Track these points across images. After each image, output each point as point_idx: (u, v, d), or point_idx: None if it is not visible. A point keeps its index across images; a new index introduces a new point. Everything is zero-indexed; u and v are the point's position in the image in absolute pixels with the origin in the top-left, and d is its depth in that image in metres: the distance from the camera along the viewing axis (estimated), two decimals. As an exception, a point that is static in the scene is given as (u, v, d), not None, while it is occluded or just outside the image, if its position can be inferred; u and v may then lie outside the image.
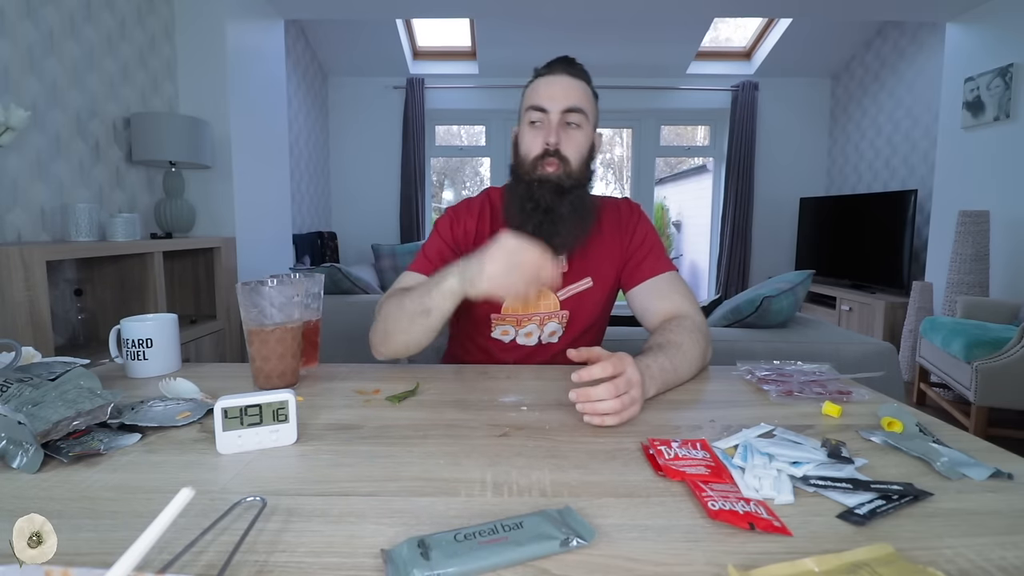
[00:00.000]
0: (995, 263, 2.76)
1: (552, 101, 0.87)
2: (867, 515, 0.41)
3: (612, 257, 0.97)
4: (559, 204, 0.87)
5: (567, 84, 0.88)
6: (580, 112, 0.88)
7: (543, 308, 0.95)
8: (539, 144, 0.88)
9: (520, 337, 0.96)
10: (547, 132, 0.87)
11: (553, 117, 0.87)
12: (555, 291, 0.88)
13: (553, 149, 0.87)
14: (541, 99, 0.88)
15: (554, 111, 0.87)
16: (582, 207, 0.90)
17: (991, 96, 2.78)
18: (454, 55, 4.44)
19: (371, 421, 0.62)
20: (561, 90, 0.88)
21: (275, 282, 0.72)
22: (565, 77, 0.89)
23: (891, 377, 1.44)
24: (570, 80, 0.89)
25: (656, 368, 0.70)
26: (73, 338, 1.72)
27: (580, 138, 0.89)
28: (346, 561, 0.36)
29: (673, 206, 7.70)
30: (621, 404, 0.59)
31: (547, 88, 0.88)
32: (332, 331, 1.86)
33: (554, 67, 0.90)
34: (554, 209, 0.87)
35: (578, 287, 0.95)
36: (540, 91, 0.89)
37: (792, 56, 4.15)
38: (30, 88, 1.60)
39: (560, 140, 0.87)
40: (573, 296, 0.95)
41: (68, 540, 0.38)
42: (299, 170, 3.78)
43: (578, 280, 0.95)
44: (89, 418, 0.54)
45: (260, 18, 2.70)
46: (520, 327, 0.95)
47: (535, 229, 0.87)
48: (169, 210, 2.02)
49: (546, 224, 0.87)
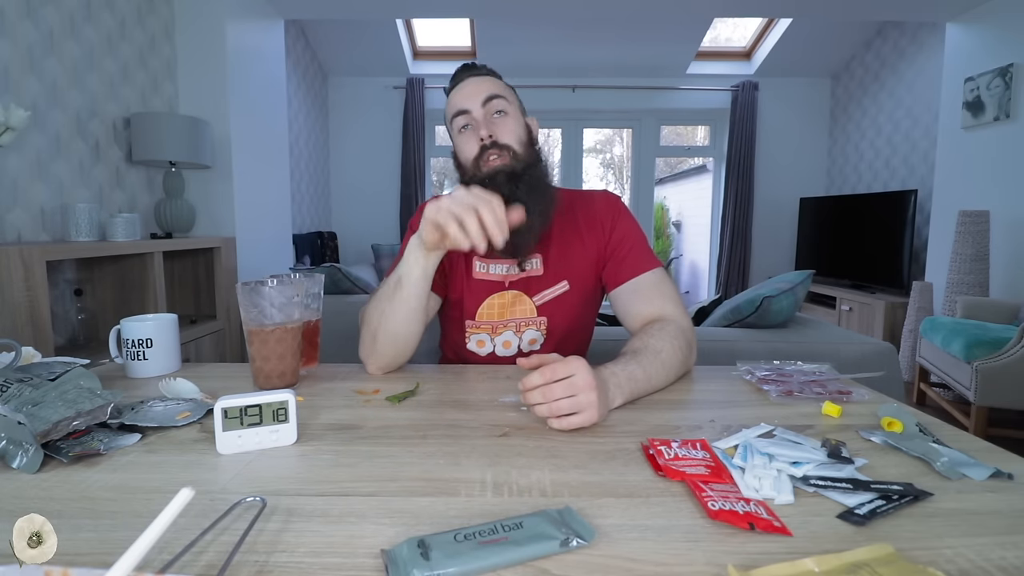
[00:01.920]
0: (995, 263, 2.76)
1: (469, 99, 0.87)
2: (867, 515, 0.41)
3: (589, 257, 0.93)
4: (516, 190, 0.84)
5: (477, 82, 0.88)
6: (500, 97, 0.87)
7: (519, 314, 0.92)
8: (474, 144, 0.86)
9: (499, 348, 0.93)
10: (476, 128, 0.86)
11: (476, 113, 0.86)
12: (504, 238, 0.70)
13: (489, 142, 0.85)
14: (459, 103, 0.87)
15: (475, 107, 0.86)
16: (540, 185, 0.87)
17: (991, 96, 2.78)
18: (454, 55, 4.44)
19: (371, 421, 0.62)
20: (473, 87, 0.88)
21: (275, 282, 0.72)
22: (472, 77, 0.89)
23: (891, 377, 1.44)
24: (478, 78, 0.89)
25: (624, 376, 0.67)
26: (73, 338, 1.72)
27: (510, 123, 0.87)
28: (346, 561, 0.36)
29: (673, 206, 7.70)
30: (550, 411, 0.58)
31: (460, 93, 0.88)
32: (332, 331, 1.86)
33: (459, 76, 0.91)
34: (513, 196, 0.82)
35: (554, 291, 0.92)
36: (455, 98, 0.89)
37: (792, 56, 4.15)
38: (30, 88, 1.60)
39: (492, 131, 0.85)
40: (550, 301, 0.92)
41: (68, 540, 0.38)
42: (299, 170, 3.78)
43: (554, 284, 0.92)
44: (89, 418, 0.54)
45: (260, 18, 2.70)
46: (496, 335, 0.92)
47: None
48: (169, 210, 2.02)
49: None
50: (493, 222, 0.66)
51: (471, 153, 0.86)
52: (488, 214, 0.66)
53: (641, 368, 0.69)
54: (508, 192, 0.82)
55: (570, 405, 0.58)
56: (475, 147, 0.86)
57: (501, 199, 0.67)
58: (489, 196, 0.67)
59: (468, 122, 0.87)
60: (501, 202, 0.67)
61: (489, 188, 0.80)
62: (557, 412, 0.58)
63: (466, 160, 0.87)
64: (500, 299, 0.92)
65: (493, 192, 0.68)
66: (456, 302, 0.94)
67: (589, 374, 0.59)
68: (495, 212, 0.66)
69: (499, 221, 0.66)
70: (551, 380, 0.58)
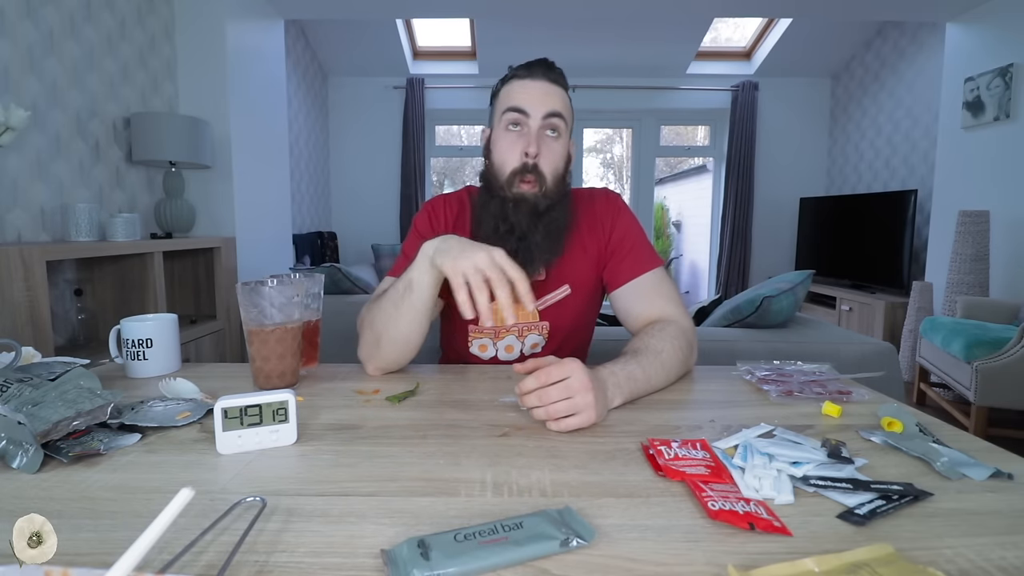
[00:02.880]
0: (995, 263, 2.76)
1: (533, 105, 0.83)
2: (867, 515, 0.41)
3: (590, 259, 0.92)
4: (534, 230, 0.83)
5: (548, 89, 0.84)
6: (560, 118, 0.84)
7: (521, 319, 0.91)
8: (517, 154, 0.83)
9: (501, 352, 0.93)
10: (526, 141, 0.83)
11: (533, 123, 0.83)
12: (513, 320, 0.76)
13: (532, 164, 0.83)
14: (521, 101, 0.83)
15: (535, 116, 0.83)
16: (556, 230, 0.86)
17: (991, 96, 2.78)
18: (454, 55, 4.44)
19: (371, 421, 0.62)
20: (542, 93, 0.83)
21: (275, 282, 0.72)
22: (545, 82, 0.85)
23: (891, 377, 1.44)
24: (550, 85, 0.85)
25: (623, 376, 0.66)
26: (73, 338, 1.72)
27: (559, 149, 0.86)
28: (346, 561, 0.36)
29: (673, 206, 7.70)
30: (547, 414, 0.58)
31: (526, 90, 0.84)
32: (332, 331, 1.86)
33: (534, 69, 0.85)
34: (528, 236, 0.83)
35: (556, 296, 0.91)
36: (519, 93, 0.84)
37: (792, 56, 4.15)
38: (30, 88, 1.60)
39: (539, 151, 0.83)
40: (552, 306, 0.91)
41: (68, 540, 0.38)
42: (299, 170, 3.78)
43: (556, 288, 0.91)
44: (89, 418, 0.54)
45: (260, 18, 2.70)
46: (499, 339, 0.92)
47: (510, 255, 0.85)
48: (169, 210, 2.02)
49: (520, 251, 0.83)
50: (507, 303, 0.63)
51: (511, 160, 0.84)
52: (504, 295, 0.63)
53: (641, 368, 0.69)
54: (527, 228, 0.83)
55: (567, 407, 0.58)
56: (516, 157, 0.84)
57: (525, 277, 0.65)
58: (514, 273, 0.64)
59: (521, 124, 0.84)
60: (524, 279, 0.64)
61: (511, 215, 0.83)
62: (555, 415, 0.58)
63: (501, 164, 0.85)
64: None
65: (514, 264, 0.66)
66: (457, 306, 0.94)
67: (585, 375, 0.59)
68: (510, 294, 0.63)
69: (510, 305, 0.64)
70: (546, 383, 0.58)
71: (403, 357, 0.81)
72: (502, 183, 0.85)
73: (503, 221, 0.84)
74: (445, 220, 0.93)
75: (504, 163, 0.85)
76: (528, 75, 0.85)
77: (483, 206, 0.88)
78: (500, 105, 0.87)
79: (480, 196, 0.90)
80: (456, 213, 0.94)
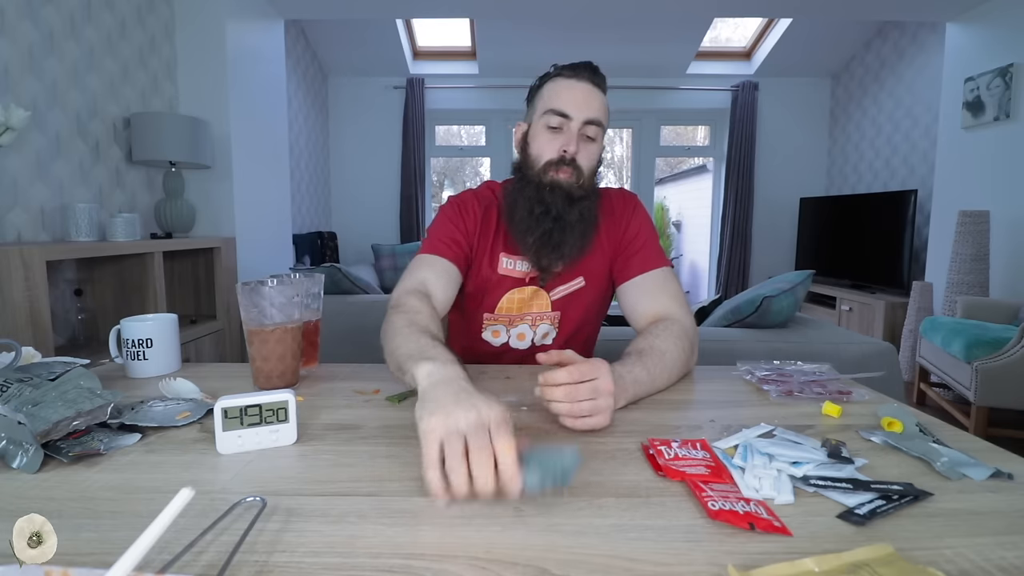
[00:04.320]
0: (995, 263, 2.76)
1: (577, 109, 0.85)
2: (867, 515, 0.41)
3: (604, 253, 0.95)
4: (568, 212, 0.85)
5: (591, 94, 0.86)
6: (599, 126, 0.87)
7: (536, 308, 0.93)
8: (555, 149, 0.86)
9: (513, 340, 0.95)
10: (566, 140, 0.85)
11: (574, 126, 0.85)
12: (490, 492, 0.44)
13: (570, 158, 0.85)
14: (566, 104, 0.85)
15: (577, 120, 0.85)
16: (589, 217, 0.88)
17: (991, 96, 2.78)
18: (454, 55, 4.44)
19: (371, 421, 0.62)
20: (585, 99, 0.86)
21: (275, 282, 0.72)
22: (590, 86, 0.87)
23: (891, 377, 1.44)
24: (594, 90, 0.87)
25: (630, 380, 0.67)
26: (73, 338, 1.72)
27: (595, 151, 0.89)
28: (346, 561, 0.36)
29: (673, 206, 7.70)
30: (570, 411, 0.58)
31: (572, 94, 0.86)
32: (332, 331, 1.86)
33: (580, 72, 0.87)
34: (563, 217, 0.85)
35: (570, 287, 0.93)
36: (565, 96, 0.86)
37: (792, 56, 4.15)
38: (30, 88, 1.60)
39: (579, 150, 0.86)
40: (565, 296, 0.94)
41: (68, 540, 0.38)
42: (299, 170, 3.78)
43: (571, 280, 0.93)
44: (89, 418, 0.54)
45: (260, 18, 2.70)
46: (512, 327, 0.94)
47: (543, 236, 0.85)
48: (169, 210, 2.02)
49: (555, 232, 0.85)
50: (485, 487, 0.43)
51: (549, 154, 0.86)
52: (484, 477, 0.43)
53: (646, 371, 0.70)
54: (563, 210, 0.85)
55: (590, 408, 0.58)
56: (555, 153, 0.86)
57: (513, 451, 0.44)
58: (502, 443, 0.44)
59: (562, 127, 0.86)
60: (511, 453, 0.43)
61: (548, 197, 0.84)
62: (578, 413, 0.58)
63: (538, 155, 0.87)
64: (520, 293, 0.93)
65: (507, 435, 0.45)
66: (474, 294, 0.95)
67: (611, 379, 0.60)
68: (492, 475, 0.43)
69: (489, 488, 0.43)
70: (578, 380, 0.59)
71: None
72: (538, 171, 0.87)
73: (539, 203, 0.86)
74: (474, 214, 0.94)
75: (541, 154, 0.87)
76: (573, 75, 0.87)
77: (518, 191, 0.90)
78: (542, 104, 0.88)
79: (513, 184, 0.92)
80: (486, 204, 0.96)
